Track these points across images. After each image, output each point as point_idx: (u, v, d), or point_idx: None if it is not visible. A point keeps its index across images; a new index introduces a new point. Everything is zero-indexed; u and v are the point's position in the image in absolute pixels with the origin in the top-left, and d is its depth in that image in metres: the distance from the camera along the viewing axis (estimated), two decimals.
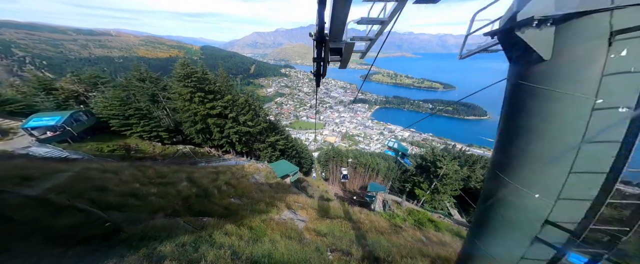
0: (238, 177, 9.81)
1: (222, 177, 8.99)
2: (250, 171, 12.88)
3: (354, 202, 31.10)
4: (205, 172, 9.32)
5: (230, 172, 10.72)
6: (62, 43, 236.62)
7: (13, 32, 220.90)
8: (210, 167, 12.32)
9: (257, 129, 33.16)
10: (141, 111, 22.81)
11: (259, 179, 12.89)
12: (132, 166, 8.23)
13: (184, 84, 23.65)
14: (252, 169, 13.40)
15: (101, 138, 21.77)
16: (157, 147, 23.11)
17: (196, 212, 5.54)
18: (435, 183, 21.34)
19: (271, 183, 14.35)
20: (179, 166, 10.06)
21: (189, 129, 26.23)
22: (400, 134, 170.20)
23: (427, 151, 24.16)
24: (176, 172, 7.67)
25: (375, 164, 63.10)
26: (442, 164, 20.41)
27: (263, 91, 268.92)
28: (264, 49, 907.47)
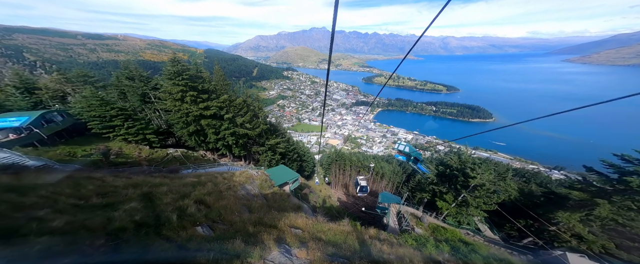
0: (221, 190, 7.85)
1: (199, 190, 7.00)
2: (241, 180, 10.88)
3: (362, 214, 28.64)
4: (179, 184, 7.38)
5: (214, 182, 8.76)
6: (71, 47, 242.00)
7: (26, 37, 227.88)
8: (192, 175, 10.39)
9: (256, 132, 31.11)
10: (125, 111, 20.71)
11: (251, 189, 10.86)
12: (70, 177, 6.30)
13: (175, 82, 21.69)
14: (244, 177, 11.40)
15: (78, 141, 19.65)
16: (144, 151, 21.05)
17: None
18: (463, 195, 18.22)
19: (266, 194, 12.27)
20: (145, 177, 8.13)
21: (180, 131, 24.21)
22: (403, 136, 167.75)
23: (451, 157, 20.85)
24: (135, 186, 5.74)
25: (379, 168, 60.78)
26: (476, 173, 17.33)
27: (265, 93, 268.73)
28: (266, 52, 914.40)
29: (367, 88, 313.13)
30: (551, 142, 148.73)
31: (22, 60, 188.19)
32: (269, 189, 13.04)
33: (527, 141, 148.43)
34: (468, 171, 17.73)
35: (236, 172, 12.24)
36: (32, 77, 28.82)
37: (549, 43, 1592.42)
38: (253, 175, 13.32)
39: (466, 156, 19.82)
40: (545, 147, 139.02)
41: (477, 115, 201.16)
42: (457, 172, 19.07)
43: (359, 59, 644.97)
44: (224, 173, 11.84)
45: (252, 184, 11.98)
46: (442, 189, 19.87)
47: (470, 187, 17.88)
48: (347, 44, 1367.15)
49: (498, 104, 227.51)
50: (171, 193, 5.88)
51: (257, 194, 10.99)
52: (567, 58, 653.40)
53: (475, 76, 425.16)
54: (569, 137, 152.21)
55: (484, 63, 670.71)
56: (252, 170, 14.85)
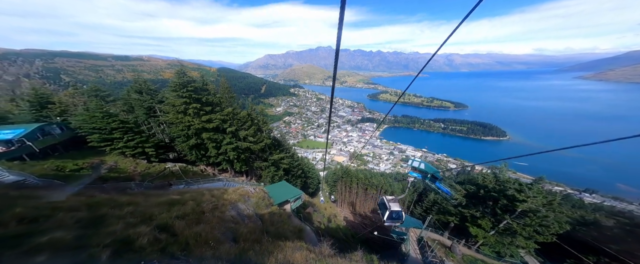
0: (204, 211, 6.56)
1: (171, 212, 5.73)
2: (233, 198, 9.52)
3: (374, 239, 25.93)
4: (151, 204, 6.18)
5: (199, 201, 7.46)
6: (102, 69, 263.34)
7: (65, 60, 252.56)
8: (177, 192, 9.19)
9: (259, 146, 30.10)
10: (127, 124, 20.29)
11: (245, 209, 9.42)
12: (2, 196, 5.29)
13: (179, 93, 21.42)
14: (237, 195, 10.04)
15: (73, 155, 19.07)
16: (140, 165, 20.18)
17: None
18: (506, 221, 15.14)
19: (263, 215, 10.73)
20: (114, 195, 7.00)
21: (180, 145, 23.45)
22: (411, 153, 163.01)
23: (485, 176, 18.11)
24: (90, 207, 4.58)
25: (388, 186, 57.71)
26: (525, 196, 14.28)
27: (272, 110, 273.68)
28: (274, 70, 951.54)
29: (372, 105, 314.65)
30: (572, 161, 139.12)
31: (59, 81, 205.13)
32: (266, 209, 11.51)
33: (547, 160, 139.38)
34: (513, 193, 14.72)
35: (229, 188, 10.90)
36: (47, 91, 29.55)
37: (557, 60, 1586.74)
38: (249, 192, 11.92)
39: (505, 176, 16.84)
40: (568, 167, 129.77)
41: (489, 133, 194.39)
42: (495, 193, 16.22)
43: (363, 76, 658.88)
44: (215, 190, 10.53)
45: (246, 202, 10.54)
46: (475, 213, 16.87)
47: (516, 213, 14.82)
48: (351, 62, 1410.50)
49: (511, 121, 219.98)
50: (131, 216, 4.69)
51: (250, 215, 9.50)
52: (580, 75, 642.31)
53: (484, 93, 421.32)
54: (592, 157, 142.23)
55: (491, 80, 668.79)
56: (249, 186, 13.45)
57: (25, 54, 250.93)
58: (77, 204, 4.93)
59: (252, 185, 16.91)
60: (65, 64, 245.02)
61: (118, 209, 5.07)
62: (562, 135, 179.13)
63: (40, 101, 25.73)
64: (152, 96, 26.00)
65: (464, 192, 18.77)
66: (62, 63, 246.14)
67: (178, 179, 19.47)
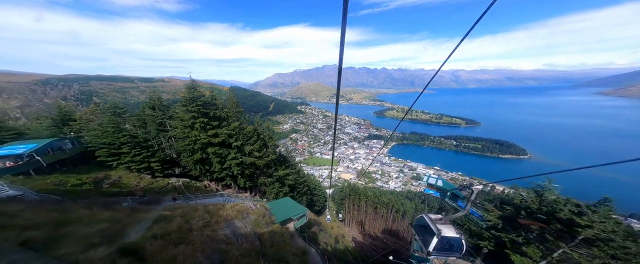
0: (192, 228, 5.80)
1: (151, 230, 5.04)
2: (230, 214, 8.70)
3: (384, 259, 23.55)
4: (134, 220, 5.54)
5: (189, 217, 6.73)
6: (128, 90, 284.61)
7: (98, 84, 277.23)
8: (169, 208, 8.51)
9: (263, 161, 29.49)
10: (135, 138, 20.52)
11: (242, 227, 8.55)
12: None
13: (188, 108, 21.73)
14: (235, 211, 9.23)
15: (80, 170, 19.17)
16: (144, 180, 19.92)
17: None
18: (562, 250, 12.36)
19: (262, 234, 9.75)
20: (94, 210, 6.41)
21: (185, 160, 23.24)
22: (422, 171, 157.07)
23: (527, 194, 15.56)
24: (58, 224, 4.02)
25: (400, 205, 54.59)
26: (588, 220, 11.69)
27: (279, 127, 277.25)
28: (283, 88, 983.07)
29: (379, 122, 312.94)
30: (606, 182, 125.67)
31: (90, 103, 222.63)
32: (266, 227, 10.51)
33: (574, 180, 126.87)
34: (570, 217, 12.20)
35: (227, 204, 10.09)
36: (70, 110, 31.10)
37: (571, 75, 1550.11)
38: (249, 208, 11.04)
39: (552, 195, 14.36)
40: (603, 188, 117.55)
41: (507, 151, 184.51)
42: (542, 215, 13.92)
43: (369, 93, 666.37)
44: (211, 205, 9.77)
45: (244, 219, 9.66)
46: (516, 238, 14.15)
47: (576, 241, 12.20)
48: (357, 79, 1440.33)
49: (530, 139, 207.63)
50: (99, 235, 4.07)
51: (248, 234, 8.58)
52: (599, 91, 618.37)
53: (496, 109, 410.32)
54: (628, 176, 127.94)
55: (502, 96, 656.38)
56: (249, 202, 12.56)
57: (65, 79, 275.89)
58: (44, 221, 4.37)
59: (253, 201, 15.97)
60: (97, 87, 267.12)
61: (88, 226, 4.46)
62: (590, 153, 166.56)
63: (63, 118, 26.98)
64: (164, 111, 26.61)
65: (498, 214, 16.37)
66: (96, 86, 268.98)
67: (179, 194, 18.88)
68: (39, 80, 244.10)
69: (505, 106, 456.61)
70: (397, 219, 53.66)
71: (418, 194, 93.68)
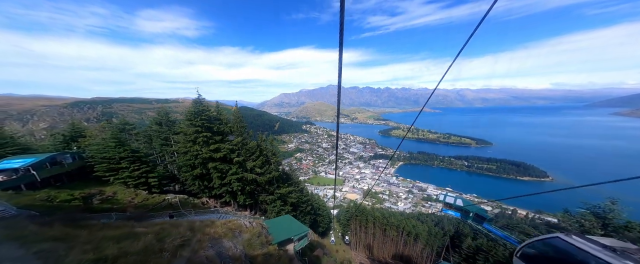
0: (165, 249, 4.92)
1: (102, 250, 4.23)
2: (218, 232, 7.70)
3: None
4: (96, 238, 4.79)
5: (165, 234, 5.84)
6: (145, 111, 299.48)
7: (120, 105, 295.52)
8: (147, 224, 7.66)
9: (265, 178, 28.50)
10: (136, 153, 20.23)
11: (231, 247, 7.50)
12: None
13: (192, 122, 21.69)
14: (225, 229, 8.21)
15: (75, 185, 18.61)
16: (139, 196, 19.17)
17: None
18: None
19: (255, 256, 8.59)
20: (53, 227, 5.61)
21: (184, 175, 22.60)
22: (433, 192, 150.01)
23: (586, 218, 13.04)
24: None
25: (411, 227, 50.74)
26: None
27: (284, 146, 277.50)
28: (288, 108, 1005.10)
29: (384, 141, 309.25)
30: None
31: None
32: (261, 249, 9.33)
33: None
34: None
35: (218, 221, 9.09)
36: (82, 126, 31.83)
37: (582, 94, 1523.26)
38: (242, 226, 9.94)
39: (621, 217, 12.05)
40: None
41: (525, 172, 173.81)
42: None
43: (373, 113, 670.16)
44: (197, 222, 8.80)
45: (235, 238, 8.60)
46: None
47: None
48: (361, 99, 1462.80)
49: (548, 160, 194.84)
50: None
51: (237, 257, 7.50)
52: (616, 111, 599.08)
53: (507, 129, 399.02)
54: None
55: (511, 115, 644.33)
56: (245, 219, 11.43)
57: (93, 101, 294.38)
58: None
59: (248, 218, 14.73)
60: (118, 109, 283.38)
61: (23, 247, 3.74)
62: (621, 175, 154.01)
63: (74, 134, 27.51)
64: (170, 127, 26.77)
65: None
66: (117, 108, 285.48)
67: (174, 211, 17.86)
68: (69, 103, 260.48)
69: (517, 125, 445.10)
70: (409, 243, 49.48)
71: (430, 216, 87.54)
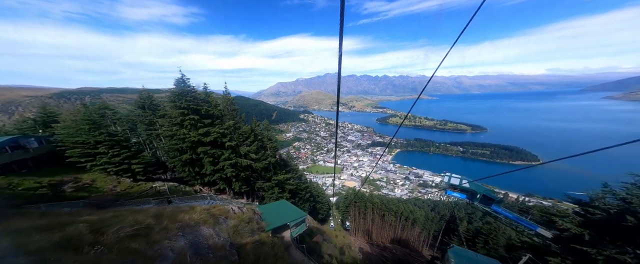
0: (99, 242, 3.55)
1: None
2: (195, 218, 6.35)
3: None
4: (20, 226, 3.43)
5: (116, 222, 4.52)
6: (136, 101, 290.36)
7: (109, 96, 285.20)
8: (110, 210, 6.32)
9: (261, 164, 27.15)
10: (114, 137, 18.24)
11: (212, 236, 6.16)
12: None
13: (177, 104, 19.75)
14: (206, 215, 6.88)
15: (43, 172, 16.79)
16: (123, 183, 17.62)
17: None
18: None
19: (243, 245, 7.30)
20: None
21: (172, 161, 21.00)
22: (429, 178, 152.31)
23: (630, 191, 11.13)
24: None
25: (409, 212, 51.13)
26: None
27: (282, 135, 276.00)
28: (285, 97, 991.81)
29: (382, 129, 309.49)
30: None
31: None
32: (251, 236, 8.06)
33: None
34: None
35: (199, 206, 7.72)
36: (56, 111, 29.27)
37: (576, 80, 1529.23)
38: (229, 211, 8.63)
39: None
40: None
41: (517, 157, 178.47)
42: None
43: (371, 101, 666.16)
44: (168, 208, 7.41)
45: (218, 225, 7.25)
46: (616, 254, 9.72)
47: None
48: (358, 87, 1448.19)
49: (540, 144, 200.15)
50: None
51: (219, 246, 6.17)
52: (608, 95, 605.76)
53: (502, 115, 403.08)
54: None
55: (507, 101, 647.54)
56: (233, 205, 10.14)
57: (79, 91, 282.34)
58: None
59: (238, 203, 13.43)
60: (108, 99, 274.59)
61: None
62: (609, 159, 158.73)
63: (46, 119, 25.23)
64: (153, 111, 24.73)
65: (578, 221, 11.92)
66: (106, 98, 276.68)
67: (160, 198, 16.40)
68: (54, 93, 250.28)
69: (512, 111, 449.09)
70: (407, 227, 50.00)
71: (427, 201, 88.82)
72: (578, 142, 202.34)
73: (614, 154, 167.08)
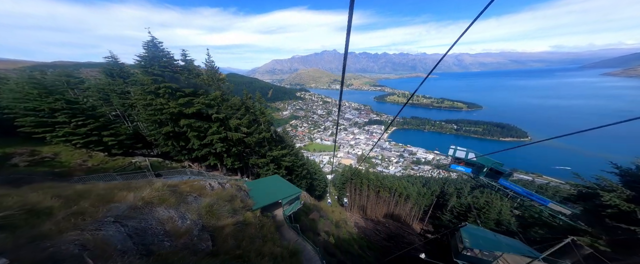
0: None
1: None
2: (148, 198, 4.70)
3: (386, 244, 19.80)
4: None
5: (11, 203, 2.92)
6: None
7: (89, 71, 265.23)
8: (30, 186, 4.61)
9: (254, 138, 25.32)
10: (74, 104, 15.47)
11: (173, 217, 4.55)
12: None
13: (147, 70, 16.99)
14: (166, 192, 5.26)
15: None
16: (95, 158, 15.65)
17: None
18: None
19: (220, 228, 5.75)
20: None
21: (152, 134, 18.91)
22: (422, 156, 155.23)
23: None
24: None
25: (403, 189, 51.84)
26: None
27: (279, 114, 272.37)
28: (281, 75, 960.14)
29: (379, 107, 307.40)
30: None
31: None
32: (231, 217, 6.52)
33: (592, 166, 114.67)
34: None
35: (159, 182, 6.01)
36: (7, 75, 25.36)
37: (579, 57, 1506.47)
38: (205, 188, 7.03)
39: None
40: None
41: (508, 134, 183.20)
42: None
43: (370, 79, 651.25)
44: (100, 184, 5.63)
45: (185, 205, 5.60)
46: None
47: None
48: (357, 65, 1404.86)
49: (532, 121, 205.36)
50: None
51: (182, 232, 4.55)
52: (607, 72, 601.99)
53: (499, 93, 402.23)
54: None
55: (506, 79, 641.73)
56: (211, 179, 8.54)
57: (54, 65, 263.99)
58: None
59: (219, 178, 11.84)
60: (89, 74, 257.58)
61: None
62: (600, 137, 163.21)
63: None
64: (125, 78, 21.78)
65: (628, 194, 9.98)
66: (87, 73, 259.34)
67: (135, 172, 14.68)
68: (27, 67, 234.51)
69: (509, 88, 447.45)
70: (400, 203, 51.14)
71: (419, 178, 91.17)
72: (569, 120, 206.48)
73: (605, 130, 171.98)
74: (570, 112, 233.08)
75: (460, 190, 61.18)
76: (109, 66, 21.73)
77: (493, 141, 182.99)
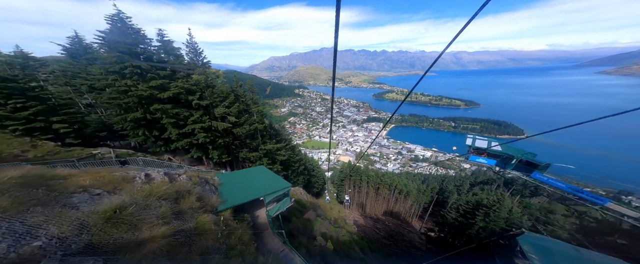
0: None
1: None
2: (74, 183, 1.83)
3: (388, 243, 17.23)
4: None
5: None
6: None
7: None
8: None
9: (244, 129, 22.68)
10: (9, 82, 12.17)
11: None
12: None
13: (111, 47, 14.14)
14: (23, 188, 2.87)
15: None
16: (41, 148, 12.85)
17: None
18: None
19: (131, 245, 3.22)
20: None
21: (115, 120, 16.08)
22: (420, 153, 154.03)
23: None
24: None
25: (402, 186, 49.86)
26: None
27: (277, 111, 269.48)
28: (279, 72, 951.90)
29: (378, 104, 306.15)
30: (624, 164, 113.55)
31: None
32: (163, 225, 3.98)
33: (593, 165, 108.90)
34: None
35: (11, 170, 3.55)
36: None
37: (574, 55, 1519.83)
38: (136, 179, 4.51)
39: None
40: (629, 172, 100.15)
41: (505, 131, 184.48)
42: None
43: (368, 76, 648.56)
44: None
45: (50, 211, 3.07)
46: None
47: None
48: (356, 62, 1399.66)
49: (529, 119, 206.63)
50: None
51: None
52: (602, 70, 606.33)
53: (496, 90, 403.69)
54: None
55: (503, 77, 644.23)
56: (155, 169, 6.06)
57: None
58: None
59: (164, 169, 9.03)
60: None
61: None
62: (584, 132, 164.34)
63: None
64: (91, 61, 18.88)
65: None
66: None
67: None
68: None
69: (506, 86, 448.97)
70: (400, 200, 49.25)
71: (418, 175, 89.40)
72: (565, 117, 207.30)
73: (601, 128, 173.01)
74: (566, 110, 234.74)
75: (459, 187, 59.54)
76: (72, 45, 18.74)
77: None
